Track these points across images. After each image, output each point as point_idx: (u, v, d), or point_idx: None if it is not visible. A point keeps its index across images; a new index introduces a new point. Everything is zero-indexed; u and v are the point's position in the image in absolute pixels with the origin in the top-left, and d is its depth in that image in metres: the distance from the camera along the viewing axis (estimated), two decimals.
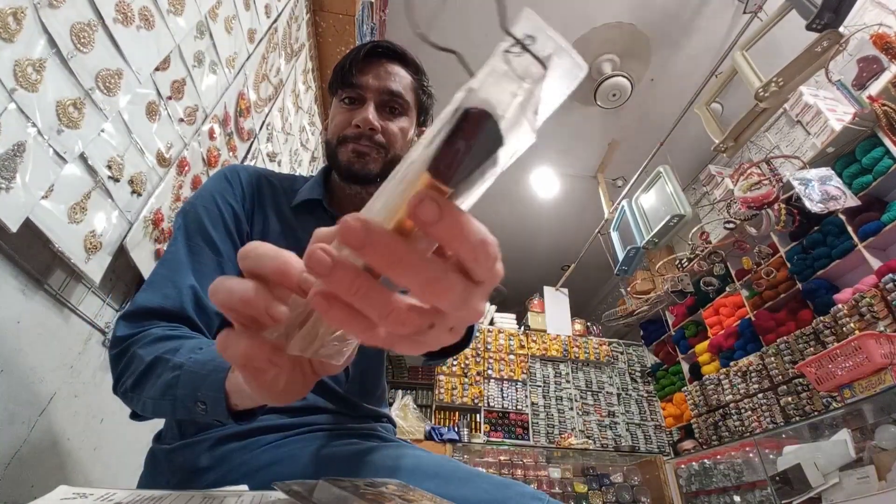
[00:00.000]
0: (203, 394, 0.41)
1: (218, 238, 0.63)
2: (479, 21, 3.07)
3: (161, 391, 0.44)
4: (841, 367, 2.06)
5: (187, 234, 0.62)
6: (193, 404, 0.41)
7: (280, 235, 0.70)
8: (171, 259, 0.60)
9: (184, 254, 0.60)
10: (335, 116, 0.73)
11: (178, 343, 0.48)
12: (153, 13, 0.85)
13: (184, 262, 0.59)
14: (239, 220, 0.67)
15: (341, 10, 1.83)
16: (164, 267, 0.59)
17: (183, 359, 0.44)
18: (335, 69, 0.74)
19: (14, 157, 0.60)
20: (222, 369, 0.40)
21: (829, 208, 2.40)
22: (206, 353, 0.44)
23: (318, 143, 2.23)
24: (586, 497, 3.60)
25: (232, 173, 0.71)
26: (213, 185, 0.69)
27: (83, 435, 0.85)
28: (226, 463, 0.55)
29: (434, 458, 0.56)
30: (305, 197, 0.73)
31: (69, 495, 0.33)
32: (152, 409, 0.47)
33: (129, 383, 0.49)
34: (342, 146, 0.71)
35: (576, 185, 4.44)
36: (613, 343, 4.81)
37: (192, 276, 0.58)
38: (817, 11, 1.83)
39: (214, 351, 0.42)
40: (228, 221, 0.66)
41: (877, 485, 1.76)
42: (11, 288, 0.68)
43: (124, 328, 0.52)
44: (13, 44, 0.59)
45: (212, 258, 0.61)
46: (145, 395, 0.47)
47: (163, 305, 0.54)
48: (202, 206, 0.65)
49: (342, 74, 0.71)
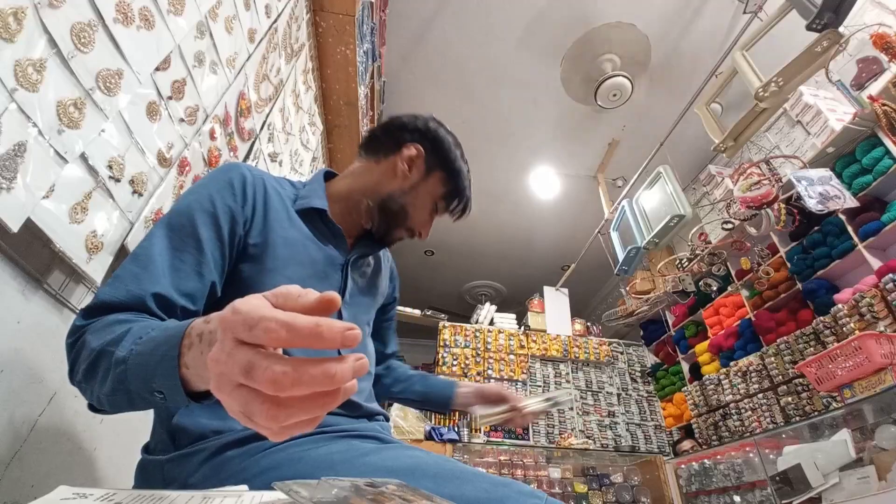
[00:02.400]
0: (158, 384, 0.40)
1: (206, 238, 0.61)
2: (480, 21, 3.07)
3: (112, 388, 0.44)
4: (841, 367, 2.06)
5: (171, 228, 0.60)
6: (150, 395, 0.41)
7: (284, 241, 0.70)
8: (143, 255, 0.57)
9: (160, 250, 0.58)
10: (426, 207, 0.84)
11: (124, 329, 0.46)
12: (153, 13, 0.85)
13: (156, 259, 0.57)
14: (235, 223, 0.66)
15: (341, 10, 1.83)
16: (135, 263, 0.56)
17: (125, 352, 0.43)
18: (450, 166, 0.84)
19: (15, 157, 0.60)
20: (172, 357, 0.38)
21: (828, 208, 2.39)
22: (149, 341, 0.42)
23: (319, 143, 2.23)
24: (586, 497, 3.60)
25: (235, 173, 0.70)
26: (212, 185, 0.67)
27: (83, 435, 0.85)
28: (224, 470, 0.54)
29: (433, 458, 0.56)
30: (311, 205, 0.76)
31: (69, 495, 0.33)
32: (108, 404, 0.46)
33: (79, 375, 0.48)
34: (404, 230, 0.84)
35: (576, 186, 4.44)
36: (613, 343, 4.81)
37: (163, 277, 0.56)
38: (817, 11, 1.83)
39: (160, 333, 0.42)
40: (222, 223, 0.64)
41: (877, 485, 1.76)
42: (11, 288, 0.68)
43: (80, 319, 0.52)
44: (14, 44, 0.59)
45: (194, 258, 0.60)
46: (97, 391, 0.46)
47: (124, 301, 0.52)
48: (196, 203, 0.64)
49: (455, 197, 0.86)
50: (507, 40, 3.20)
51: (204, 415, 0.59)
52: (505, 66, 3.37)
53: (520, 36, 3.17)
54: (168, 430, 0.59)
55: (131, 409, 0.46)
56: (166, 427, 0.60)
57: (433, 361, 4.78)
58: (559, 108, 3.70)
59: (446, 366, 4.26)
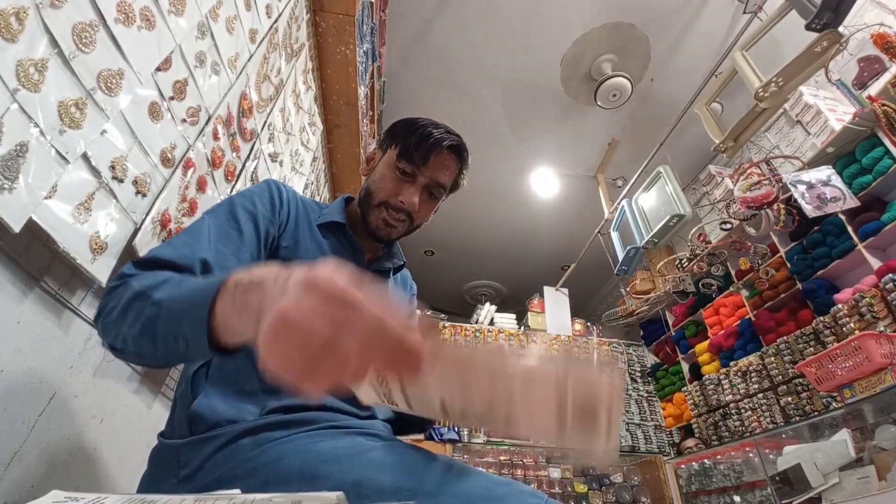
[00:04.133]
0: (184, 329, 0.41)
1: (246, 231, 0.69)
2: (479, 21, 3.07)
3: (140, 329, 0.45)
4: (841, 367, 2.06)
5: (216, 218, 0.68)
6: (174, 341, 0.42)
7: (310, 247, 0.78)
8: (194, 230, 0.64)
9: (207, 230, 0.64)
10: (385, 177, 0.82)
11: (166, 276, 0.49)
12: (154, 13, 0.85)
13: (205, 236, 0.63)
14: (271, 224, 0.75)
15: (341, 10, 1.83)
16: (187, 234, 0.63)
17: (162, 294, 0.45)
18: (400, 132, 0.82)
19: (17, 157, 0.60)
20: (204, 303, 0.39)
21: (826, 211, 2.40)
22: (186, 289, 0.44)
23: (319, 143, 2.23)
24: (586, 497, 3.60)
25: (275, 186, 0.80)
26: (256, 190, 0.77)
27: (83, 435, 0.85)
28: (235, 457, 0.56)
29: (434, 457, 0.58)
30: (331, 219, 0.83)
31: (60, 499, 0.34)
32: (133, 345, 0.47)
33: (113, 314, 0.49)
34: (378, 208, 0.81)
35: (576, 185, 4.44)
36: (613, 343, 4.82)
37: (210, 250, 0.62)
38: (817, 11, 1.83)
39: (199, 283, 0.44)
40: (260, 222, 0.73)
41: (877, 485, 1.76)
42: (11, 288, 0.68)
43: (131, 269, 0.55)
44: (15, 44, 0.59)
45: (235, 245, 0.66)
46: (124, 331, 0.47)
47: (174, 260, 0.56)
48: (239, 202, 0.72)
49: (409, 149, 0.79)
50: (506, 40, 3.20)
51: (220, 404, 0.62)
52: (504, 66, 3.37)
53: (520, 36, 3.17)
54: (186, 416, 0.61)
55: (153, 355, 0.48)
56: (186, 413, 0.62)
57: None
58: (559, 108, 3.70)
59: None
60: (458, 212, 4.74)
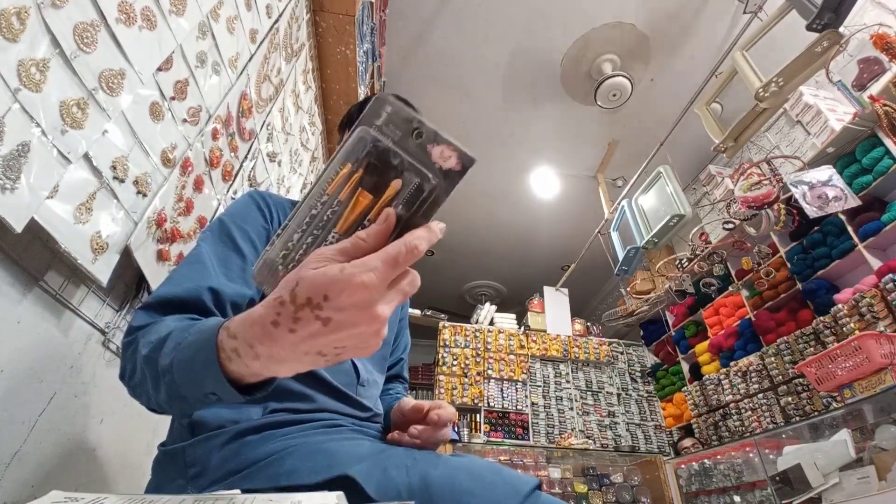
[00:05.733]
0: (209, 387, 0.42)
1: (246, 250, 0.69)
2: (479, 21, 3.07)
3: (167, 396, 0.46)
4: (841, 367, 2.06)
5: (213, 240, 0.67)
6: (204, 398, 0.43)
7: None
8: (194, 260, 0.63)
9: (208, 255, 0.64)
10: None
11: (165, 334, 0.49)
12: (155, 13, 0.85)
13: (207, 263, 0.63)
14: (266, 231, 0.75)
15: (341, 10, 1.83)
16: (187, 267, 0.63)
17: (168, 360, 0.45)
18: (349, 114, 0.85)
19: (18, 157, 0.60)
20: (213, 360, 0.40)
21: (827, 211, 2.39)
22: (186, 347, 0.44)
23: (318, 143, 2.23)
24: (586, 497, 3.60)
25: (258, 196, 0.79)
26: (241, 209, 0.76)
27: (83, 435, 0.85)
28: (243, 452, 0.56)
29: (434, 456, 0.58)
30: None
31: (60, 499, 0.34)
32: (170, 408, 0.50)
33: (135, 380, 0.51)
34: None
35: (575, 186, 4.44)
36: (613, 343, 4.82)
37: (215, 275, 0.61)
38: (817, 11, 1.83)
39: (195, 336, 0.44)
40: (254, 238, 0.72)
41: (877, 485, 1.76)
42: (12, 288, 0.68)
43: (141, 317, 0.55)
44: (17, 44, 0.59)
45: (238, 265, 0.66)
46: (154, 397, 0.48)
47: (180, 296, 0.57)
48: (230, 221, 0.71)
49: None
50: (506, 40, 3.20)
51: (223, 408, 0.62)
52: (505, 66, 3.37)
53: (520, 36, 3.17)
54: (189, 423, 0.62)
55: (192, 410, 0.54)
56: (188, 420, 0.62)
57: (433, 361, 4.78)
58: (559, 108, 3.70)
59: (446, 366, 4.26)
60: (458, 212, 4.75)
